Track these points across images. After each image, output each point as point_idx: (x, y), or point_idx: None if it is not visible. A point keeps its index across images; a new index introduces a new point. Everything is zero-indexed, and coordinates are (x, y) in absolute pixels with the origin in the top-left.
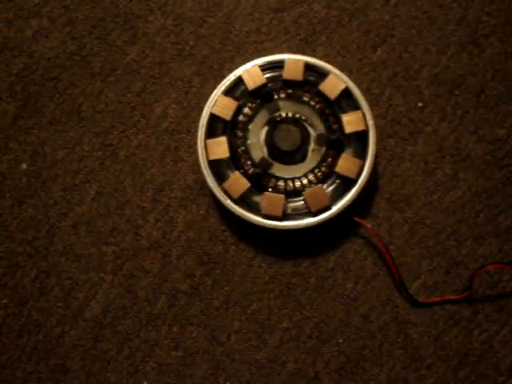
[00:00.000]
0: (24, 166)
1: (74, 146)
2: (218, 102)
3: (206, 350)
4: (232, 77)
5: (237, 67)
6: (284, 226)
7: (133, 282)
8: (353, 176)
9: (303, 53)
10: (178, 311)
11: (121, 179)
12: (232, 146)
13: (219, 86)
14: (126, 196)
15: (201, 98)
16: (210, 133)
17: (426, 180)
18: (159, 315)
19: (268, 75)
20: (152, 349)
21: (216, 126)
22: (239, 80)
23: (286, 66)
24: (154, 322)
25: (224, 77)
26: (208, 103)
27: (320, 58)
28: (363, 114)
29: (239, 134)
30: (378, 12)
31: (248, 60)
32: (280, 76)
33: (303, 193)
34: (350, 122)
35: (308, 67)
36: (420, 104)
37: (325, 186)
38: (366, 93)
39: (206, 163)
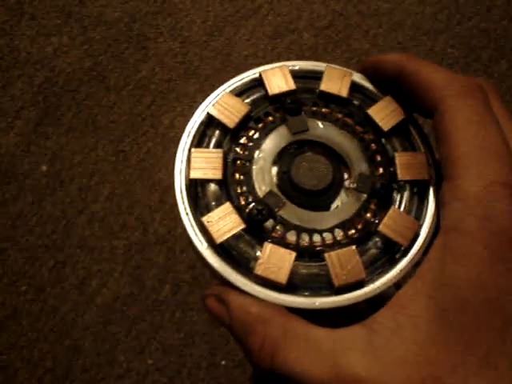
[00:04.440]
0: (44, 167)
1: (90, 152)
2: (220, 101)
3: (205, 333)
4: (249, 75)
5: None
6: (286, 301)
7: (140, 272)
8: (404, 242)
9: None
10: (181, 298)
11: (131, 181)
12: (228, 167)
13: (229, 83)
14: (136, 196)
15: (207, 97)
16: (201, 141)
17: None
18: (164, 302)
19: (299, 85)
20: (157, 331)
21: (211, 133)
22: (257, 82)
23: (327, 75)
24: (159, 307)
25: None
26: (207, 100)
27: None
28: (426, 157)
29: (242, 151)
30: (358, 41)
31: None
32: (315, 88)
33: (325, 255)
34: (408, 165)
35: (354, 87)
36: None
37: (361, 250)
38: None
39: (183, 183)
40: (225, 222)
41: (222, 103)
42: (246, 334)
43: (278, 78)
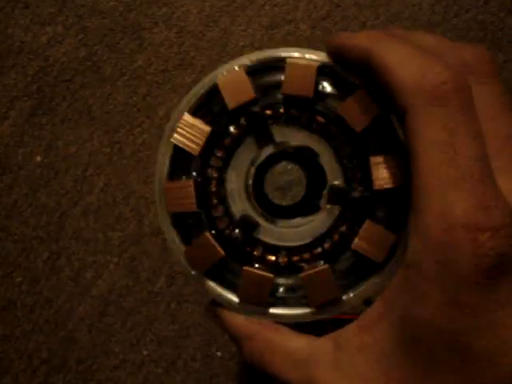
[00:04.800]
0: (38, 158)
1: (85, 142)
2: (181, 126)
3: (200, 324)
4: (205, 85)
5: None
6: (268, 316)
7: (136, 263)
8: (377, 259)
9: None
10: (176, 290)
11: (126, 173)
12: (203, 193)
13: (187, 98)
14: (131, 188)
15: (171, 118)
16: (174, 171)
17: None
18: (159, 293)
19: (261, 82)
20: (152, 323)
21: (181, 159)
22: (217, 90)
23: (288, 73)
24: (154, 299)
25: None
26: (169, 124)
27: None
28: (403, 161)
29: (213, 173)
30: None
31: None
32: (278, 85)
33: (301, 275)
34: (384, 171)
35: (323, 72)
36: None
37: (335, 265)
38: None
39: (166, 216)
40: (204, 252)
41: (183, 128)
42: (238, 346)
43: (234, 87)
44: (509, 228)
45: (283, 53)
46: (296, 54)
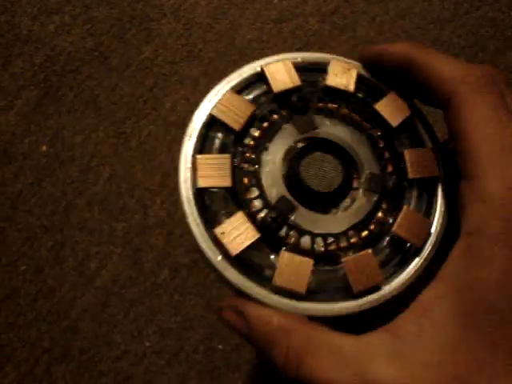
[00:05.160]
0: (44, 147)
1: (91, 133)
2: (224, 101)
3: (203, 317)
4: (250, 69)
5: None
6: (307, 310)
7: (140, 255)
8: (419, 242)
9: None
10: (179, 282)
11: (132, 164)
12: (235, 172)
13: (228, 79)
14: (136, 179)
15: (206, 96)
16: (204, 145)
17: None
18: (162, 285)
19: (302, 78)
20: (155, 314)
21: (214, 135)
22: (258, 77)
23: (332, 69)
24: (158, 290)
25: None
26: (207, 99)
27: None
28: (435, 153)
29: (249, 155)
30: (364, 28)
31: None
32: (318, 81)
33: (344, 260)
34: (418, 162)
35: (359, 76)
36: None
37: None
38: None
39: (190, 192)
40: (239, 232)
41: (225, 103)
42: (268, 345)
43: (281, 73)
44: None
45: (326, 55)
46: (338, 58)
